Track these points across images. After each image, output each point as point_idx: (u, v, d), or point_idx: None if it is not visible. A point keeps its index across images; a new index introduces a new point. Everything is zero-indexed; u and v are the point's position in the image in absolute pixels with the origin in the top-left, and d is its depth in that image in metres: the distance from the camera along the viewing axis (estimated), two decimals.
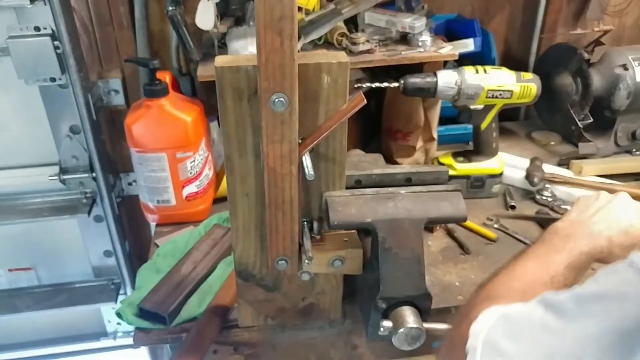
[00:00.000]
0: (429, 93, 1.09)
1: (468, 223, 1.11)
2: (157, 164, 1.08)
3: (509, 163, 1.27)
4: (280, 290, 0.83)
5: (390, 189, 0.78)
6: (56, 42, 1.13)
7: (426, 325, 0.73)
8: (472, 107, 1.12)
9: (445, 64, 1.23)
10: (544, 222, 1.13)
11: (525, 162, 1.27)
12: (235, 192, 0.74)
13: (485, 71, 1.09)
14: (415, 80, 1.08)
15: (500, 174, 1.21)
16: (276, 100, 0.62)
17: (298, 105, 0.64)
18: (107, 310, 1.54)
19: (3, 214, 1.33)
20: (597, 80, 1.30)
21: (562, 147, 1.43)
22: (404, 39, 1.16)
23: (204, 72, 1.06)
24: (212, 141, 1.22)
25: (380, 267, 0.73)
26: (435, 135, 1.30)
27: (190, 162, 1.10)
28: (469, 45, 1.16)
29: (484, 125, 1.16)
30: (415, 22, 1.11)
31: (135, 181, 1.35)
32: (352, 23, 1.18)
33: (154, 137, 1.06)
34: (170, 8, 1.09)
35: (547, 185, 1.22)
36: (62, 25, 1.11)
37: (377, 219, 0.74)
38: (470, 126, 1.21)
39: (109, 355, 1.65)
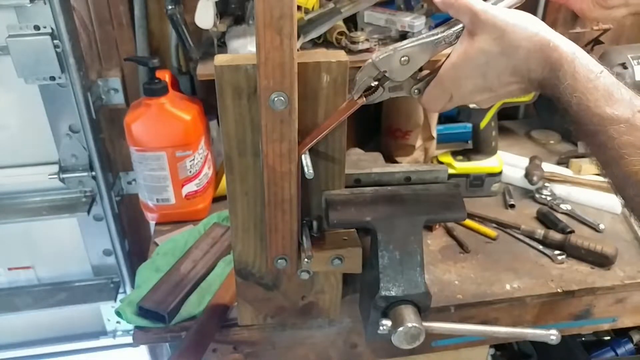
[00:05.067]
0: None
1: (467, 222, 1.11)
2: (157, 162, 1.08)
3: (508, 162, 1.27)
4: (279, 289, 0.84)
5: (389, 188, 0.78)
6: (56, 41, 1.12)
7: (425, 324, 0.73)
8: (471, 105, 1.12)
9: None
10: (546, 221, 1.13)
11: (524, 161, 1.27)
12: (234, 191, 0.74)
13: None
14: None
15: (500, 173, 1.21)
16: (276, 99, 0.62)
17: (297, 104, 0.64)
18: (107, 309, 1.54)
19: (2, 212, 1.33)
20: None
21: (561, 146, 1.43)
22: (404, 37, 1.16)
23: (203, 71, 1.06)
24: (211, 140, 1.22)
25: (379, 266, 0.73)
26: (434, 134, 1.30)
27: (190, 161, 1.10)
28: None
29: (483, 124, 1.17)
30: (414, 21, 1.11)
31: (134, 180, 1.36)
32: (352, 22, 1.18)
33: (154, 136, 1.06)
34: (170, 7, 1.09)
35: (547, 184, 1.22)
36: (62, 24, 1.11)
37: (377, 217, 0.74)
38: (469, 125, 1.21)
39: (109, 354, 1.65)
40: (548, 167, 1.27)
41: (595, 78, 0.57)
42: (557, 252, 1.04)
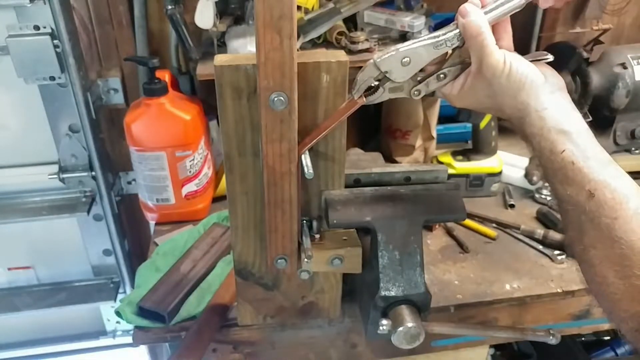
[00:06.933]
0: None
1: (467, 222, 1.11)
2: (157, 162, 1.08)
3: (508, 162, 1.27)
4: (279, 289, 0.84)
5: (389, 188, 0.78)
6: (56, 41, 1.12)
7: (425, 324, 0.73)
8: None
9: None
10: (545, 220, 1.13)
11: (524, 161, 1.27)
12: (234, 190, 0.74)
13: None
14: None
15: (499, 173, 1.21)
16: (275, 99, 0.62)
17: (297, 104, 0.64)
18: (107, 309, 1.54)
19: (2, 212, 1.33)
20: (596, 79, 1.30)
21: None
22: (403, 37, 1.16)
23: (203, 70, 1.06)
24: (211, 140, 1.22)
25: (379, 266, 0.73)
26: (434, 134, 1.30)
27: (190, 161, 1.10)
28: None
29: (483, 124, 1.17)
30: (414, 21, 1.11)
31: (134, 180, 1.35)
32: (352, 22, 1.18)
33: (153, 136, 1.06)
34: (170, 7, 1.09)
35: (546, 184, 1.22)
36: (62, 24, 1.11)
37: (376, 217, 0.74)
38: (469, 125, 1.21)
39: (109, 354, 1.65)
40: None
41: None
42: (557, 252, 1.04)
